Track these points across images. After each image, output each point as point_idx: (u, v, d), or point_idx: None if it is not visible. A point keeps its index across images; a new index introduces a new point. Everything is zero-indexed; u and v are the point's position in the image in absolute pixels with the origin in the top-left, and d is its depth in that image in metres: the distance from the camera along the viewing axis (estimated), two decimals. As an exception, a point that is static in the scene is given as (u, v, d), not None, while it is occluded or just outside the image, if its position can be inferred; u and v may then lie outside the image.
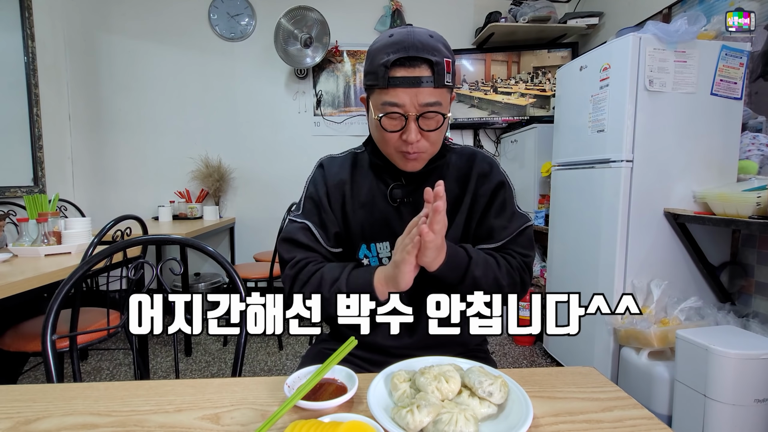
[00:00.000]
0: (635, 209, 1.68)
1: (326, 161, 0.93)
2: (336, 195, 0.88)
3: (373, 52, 0.77)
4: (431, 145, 0.80)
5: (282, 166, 3.23)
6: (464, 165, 0.89)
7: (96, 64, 3.05)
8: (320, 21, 2.92)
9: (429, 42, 0.73)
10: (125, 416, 0.51)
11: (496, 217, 0.86)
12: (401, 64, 0.72)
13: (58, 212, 1.69)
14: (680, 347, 1.40)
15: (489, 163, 0.89)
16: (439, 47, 0.74)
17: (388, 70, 0.73)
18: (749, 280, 1.72)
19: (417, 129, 0.76)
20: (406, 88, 0.73)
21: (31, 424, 0.49)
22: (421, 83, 0.72)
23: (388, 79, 0.73)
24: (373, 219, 0.87)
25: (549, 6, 2.80)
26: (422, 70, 0.73)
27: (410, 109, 0.74)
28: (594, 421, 0.49)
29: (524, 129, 2.75)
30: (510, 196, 0.88)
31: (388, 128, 0.77)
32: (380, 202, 0.87)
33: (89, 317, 1.64)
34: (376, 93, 0.76)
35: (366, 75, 0.79)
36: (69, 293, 0.81)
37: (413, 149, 0.78)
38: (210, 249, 0.91)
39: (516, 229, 0.85)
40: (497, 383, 0.51)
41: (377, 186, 0.88)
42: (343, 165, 0.91)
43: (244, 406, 0.53)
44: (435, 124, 0.77)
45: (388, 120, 0.76)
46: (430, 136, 0.78)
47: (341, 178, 0.89)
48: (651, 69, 1.62)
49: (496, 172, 0.88)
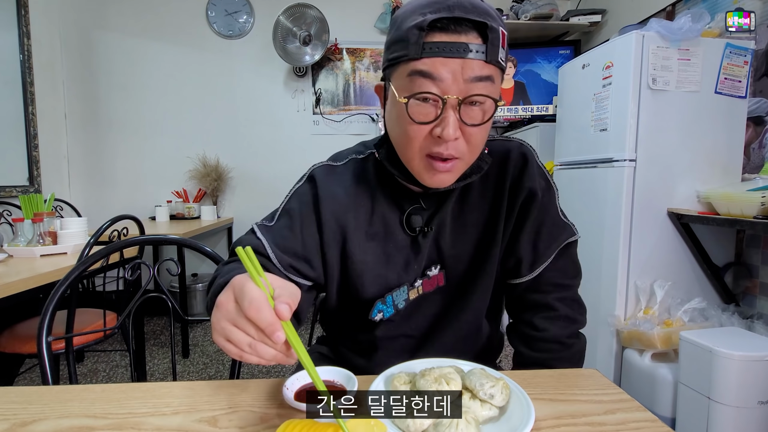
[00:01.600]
0: (638, 209, 1.66)
1: (320, 174, 0.69)
2: (333, 228, 0.66)
3: (402, 16, 0.57)
4: (471, 148, 0.58)
5: (281, 165, 3.21)
6: (497, 171, 0.68)
7: (92, 62, 3.02)
8: (319, 18, 2.90)
9: (479, 3, 0.55)
10: (122, 419, 0.50)
11: (529, 241, 0.68)
12: (443, 28, 0.53)
13: (53, 212, 1.67)
14: (684, 349, 1.39)
15: (523, 161, 0.68)
16: (492, 12, 0.55)
17: (424, 34, 0.53)
18: (754, 281, 1.70)
19: (457, 121, 0.55)
20: (448, 57, 0.53)
21: (27, 426, 0.48)
22: (468, 51, 0.53)
23: (422, 45, 0.53)
24: (386, 258, 0.68)
25: (551, 3, 2.79)
26: (471, 37, 0.53)
27: (451, 88, 0.54)
28: (596, 423, 0.48)
29: (526, 128, 2.74)
30: (545, 207, 0.68)
31: (417, 117, 0.56)
32: (394, 232, 0.68)
33: (85, 318, 1.62)
34: (403, 67, 0.56)
35: (389, 47, 0.58)
36: (65, 294, 0.80)
37: (448, 151, 0.57)
38: (208, 249, 0.89)
39: (556, 249, 0.68)
40: (499, 385, 0.50)
41: (389, 209, 0.68)
42: (345, 181, 0.69)
43: (242, 409, 0.52)
44: (481, 116, 0.56)
45: (417, 105, 0.55)
46: (473, 134, 0.57)
47: (342, 203, 0.67)
48: (654, 67, 1.60)
49: (529, 175, 0.67)
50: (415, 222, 0.67)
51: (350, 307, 0.72)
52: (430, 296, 0.71)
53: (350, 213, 0.67)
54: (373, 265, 0.68)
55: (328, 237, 0.66)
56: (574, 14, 2.78)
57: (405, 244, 0.68)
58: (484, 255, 0.69)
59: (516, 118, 2.97)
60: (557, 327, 0.69)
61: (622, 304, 1.70)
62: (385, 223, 0.68)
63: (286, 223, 0.67)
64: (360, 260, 0.67)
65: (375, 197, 0.68)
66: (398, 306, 0.70)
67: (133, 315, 0.89)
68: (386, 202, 0.68)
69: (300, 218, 0.66)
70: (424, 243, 0.68)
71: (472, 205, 0.69)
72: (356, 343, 0.75)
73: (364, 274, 0.68)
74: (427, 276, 0.70)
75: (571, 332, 0.71)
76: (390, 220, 0.68)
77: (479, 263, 0.69)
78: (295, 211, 0.67)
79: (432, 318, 0.72)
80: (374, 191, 0.68)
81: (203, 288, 2.98)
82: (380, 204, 0.68)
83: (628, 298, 1.70)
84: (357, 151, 0.73)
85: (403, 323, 0.71)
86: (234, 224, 3.21)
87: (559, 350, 0.70)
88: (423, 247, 0.68)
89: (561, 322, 0.69)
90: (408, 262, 0.68)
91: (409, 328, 0.72)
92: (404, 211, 0.68)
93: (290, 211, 0.67)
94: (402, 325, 0.71)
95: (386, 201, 0.68)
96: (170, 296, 0.88)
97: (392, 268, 0.68)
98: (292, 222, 0.66)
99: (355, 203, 0.68)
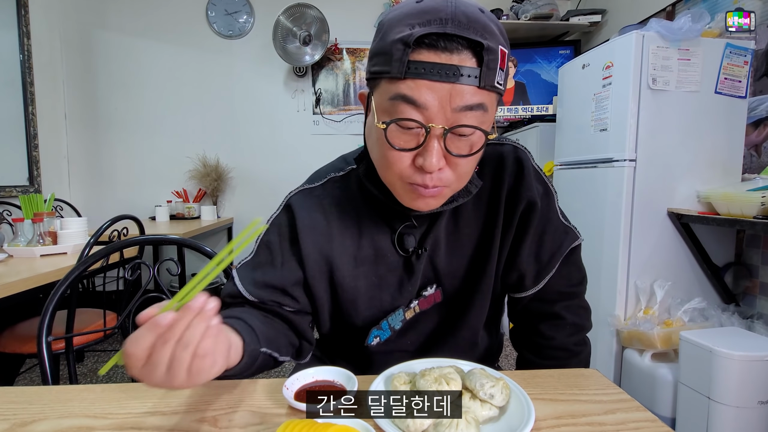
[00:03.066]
0: (638, 209, 1.66)
1: (297, 202, 0.63)
2: (316, 261, 0.62)
3: (388, 24, 0.49)
4: (458, 177, 0.53)
5: (280, 165, 3.21)
6: (492, 180, 0.63)
7: (92, 62, 3.02)
8: (319, 18, 2.90)
9: (478, 17, 0.47)
10: (122, 419, 0.50)
11: (531, 254, 0.64)
12: (431, 45, 0.46)
13: (53, 212, 1.67)
14: (684, 349, 1.39)
15: (519, 167, 0.63)
16: (492, 28, 0.48)
17: (409, 50, 0.46)
18: (754, 281, 1.70)
19: (441, 151, 0.49)
20: (435, 81, 0.46)
21: (27, 426, 0.48)
22: (459, 76, 0.46)
23: (407, 64, 0.46)
24: (379, 280, 0.64)
25: (551, 3, 2.78)
26: (463, 58, 0.46)
27: (436, 117, 0.47)
28: (596, 423, 0.48)
29: (526, 128, 2.73)
30: (545, 215, 0.64)
31: (397, 144, 0.50)
32: (386, 254, 0.63)
33: (85, 318, 1.62)
34: (385, 85, 0.49)
35: (372, 57, 0.51)
36: (65, 294, 0.80)
37: (432, 182, 0.51)
38: (208, 249, 0.89)
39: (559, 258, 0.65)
40: (499, 385, 0.50)
41: (378, 230, 0.63)
42: (325, 206, 0.63)
43: (242, 409, 0.52)
44: (469, 147, 0.50)
45: (398, 132, 0.49)
46: (460, 164, 0.51)
47: (323, 232, 0.62)
48: (654, 67, 1.60)
49: (526, 183, 0.62)
50: (407, 243, 0.62)
51: (344, 332, 0.68)
52: (427, 312, 0.68)
53: (335, 241, 0.62)
54: (366, 290, 0.64)
55: (313, 270, 0.62)
56: (574, 14, 2.78)
57: (398, 265, 0.64)
58: (479, 271, 0.65)
59: (516, 118, 2.97)
60: (564, 335, 0.67)
61: (622, 304, 1.70)
62: (376, 246, 0.63)
63: (266, 257, 0.62)
64: (351, 287, 0.63)
65: (361, 218, 0.63)
66: (395, 328, 0.66)
67: (133, 315, 0.89)
68: (374, 222, 0.63)
69: (280, 252, 0.62)
70: (418, 264, 0.63)
71: (466, 219, 0.65)
72: (351, 359, 0.72)
73: (357, 299, 0.64)
74: (422, 296, 0.66)
75: (578, 339, 0.69)
76: (380, 242, 0.63)
77: (475, 279, 0.66)
78: (274, 244, 0.62)
79: (429, 333, 0.69)
80: (359, 212, 0.63)
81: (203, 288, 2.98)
82: (368, 225, 0.63)
83: (628, 298, 1.70)
84: (336, 167, 0.67)
85: (399, 340, 0.68)
86: (234, 224, 3.21)
87: (567, 357, 0.68)
88: (417, 269, 0.63)
89: (568, 329, 0.67)
90: (402, 283, 0.64)
91: (405, 344, 0.69)
92: (395, 230, 0.62)
93: (269, 244, 0.63)
94: (398, 342, 0.69)
95: (374, 221, 0.63)
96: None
97: (386, 290, 0.64)
98: (271, 256, 0.62)
99: (340, 229, 0.62)
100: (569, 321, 0.67)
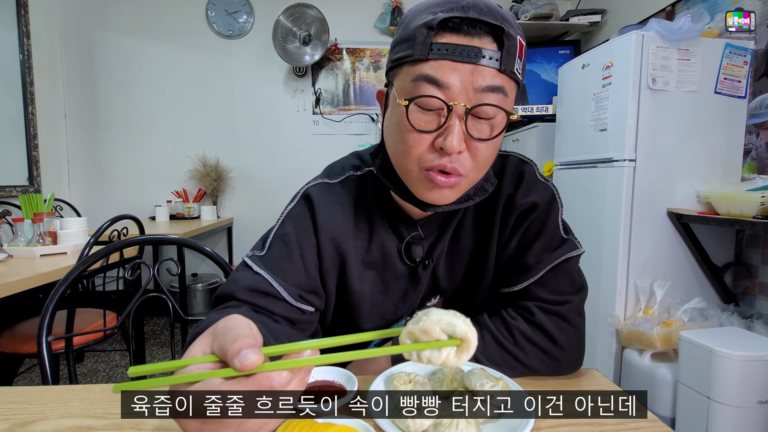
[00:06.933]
0: (638, 209, 1.66)
1: (317, 193, 0.62)
2: (331, 255, 0.61)
3: (411, 15, 0.52)
4: (476, 165, 0.52)
5: (280, 165, 3.21)
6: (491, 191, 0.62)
7: (92, 62, 3.02)
8: (319, 18, 2.90)
9: (497, 8, 0.50)
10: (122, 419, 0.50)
11: (524, 252, 0.62)
12: (454, 28, 0.48)
13: (53, 212, 1.67)
14: (683, 349, 1.39)
15: (518, 178, 0.63)
16: (510, 19, 0.50)
17: (433, 33, 0.48)
18: (753, 280, 1.70)
19: (463, 133, 0.49)
20: (458, 61, 0.48)
21: (27, 426, 0.48)
22: (481, 57, 0.47)
23: (430, 45, 0.48)
24: (384, 287, 0.64)
25: (551, 3, 2.79)
26: (485, 41, 0.48)
27: (458, 96, 0.48)
28: (596, 423, 0.48)
29: (526, 128, 2.73)
30: (542, 222, 0.62)
31: (418, 124, 0.50)
32: (393, 262, 0.63)
33: (85, 318, 1.62)
34: (407, 68, 0.50)
35: (394, 47, 0.53)
36: (65, 294, 0.80)
37: (451, 164, 0.51)
38: (208, 249, 0.89)
39: (547, 265, 0.61)
40: (499, 385, 0.50)
41: (388, 238, 0.63)
42: (344, 203, 0.62)
43: (242, 409, 0.52)
44: (490, 130, 0.51)
45: (419, 113, 0.50)
46: (480, 149, 0.51)
47: (341, 229, 0.61)
48: (654, 67, 1.60)
49: (522, 192, 0.62)
50: (415, 253, 0.62)
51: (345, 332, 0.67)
52: None
53: (349, 240, 0.61)
54: (371, 295, 0.64)
55: (327, 264, 0.61)
56: (573, 14, 2.78)
57: (403, 274, 0.64)
58: (475, 282, 0.65)
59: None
60: (528, 327, 0.60)
61: (622, 303, 1.70)
62: (384, 252, 0.63)
63: (282, 251, 0.59)
64: (358, 290, 0.63)
65: (373, 223, 0.63)
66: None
67: (133, 315, 0.89)
68: (384, 229, 0.63)
69: (298, 244, 0.59)
70: (424, 275, 0.63)
71: (465, 230, 0.65)
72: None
73: (361, 305, 0.64)
74: (425, 306, 0.67)
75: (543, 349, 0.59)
76: (389, 250, 0.63)
77: (471, 290, 0.67)
78: (292, 236, 0.59)
79: None
80: (372, 216, 0.63)
81: (203, 288, 2.99)
82: (378, 231, 0.63)
83: (627, 298, 1.70)
84: (354, 165, 0.66)
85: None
86: (234, 224, 3.21)
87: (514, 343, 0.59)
88: (422, 279, 0.64)
89: (534, 327, 0.60)
90: (406, 293, 0.65)
91: None
92: (403, 239, 0.63)
93: (285, 236, 0.59)
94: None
95: (384, 228, 0.63)
96: (170, 296, 0.88)
97: (390, 299, 0.65)
98: (289, 250, 0.59)
99: (355, 229, 0.62)
100: (536, 320, 0.60)
